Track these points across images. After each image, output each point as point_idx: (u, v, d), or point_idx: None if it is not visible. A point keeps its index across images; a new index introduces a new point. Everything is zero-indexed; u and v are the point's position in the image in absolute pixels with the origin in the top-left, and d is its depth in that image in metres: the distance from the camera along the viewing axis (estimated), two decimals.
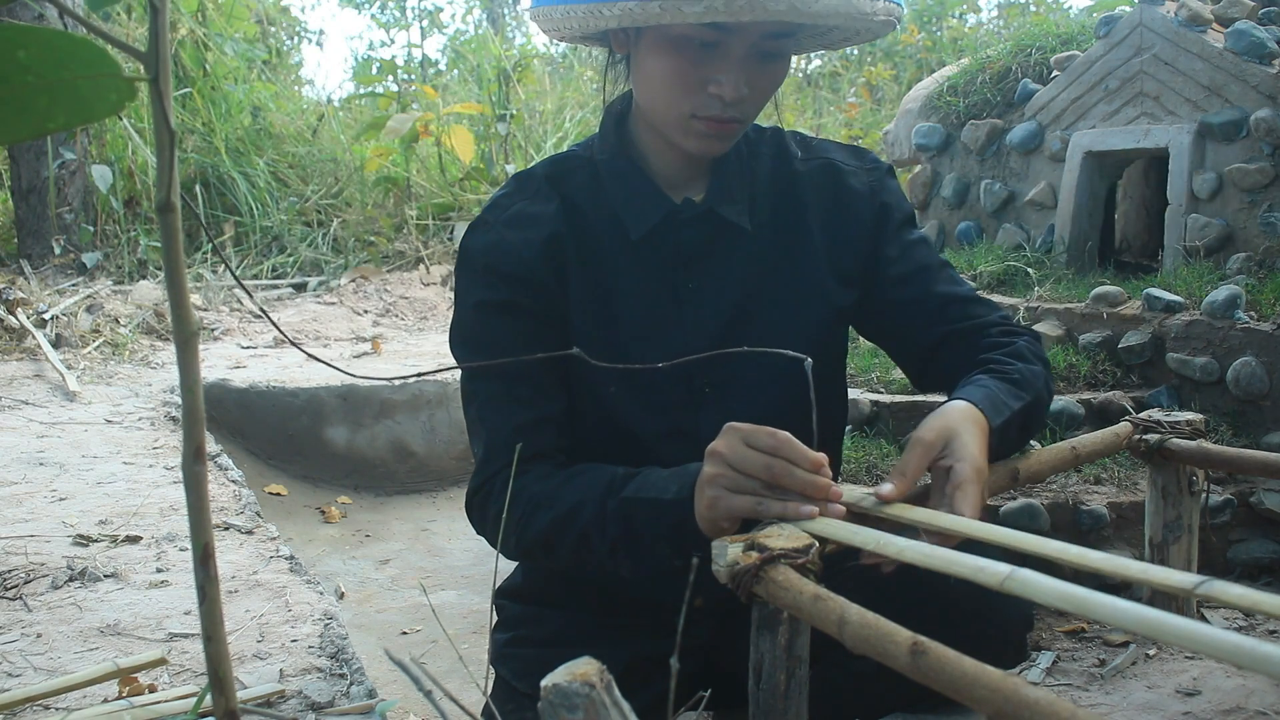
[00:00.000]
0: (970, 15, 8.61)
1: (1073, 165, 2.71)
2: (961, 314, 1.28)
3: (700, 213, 1.24)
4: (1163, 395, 2.20)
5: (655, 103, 1.19)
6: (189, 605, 1.52)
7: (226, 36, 5.56)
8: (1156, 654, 1.58)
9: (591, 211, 1.25)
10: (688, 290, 1.25)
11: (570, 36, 1.25)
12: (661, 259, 1.25)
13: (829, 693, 1.10)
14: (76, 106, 0.53)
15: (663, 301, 1.25)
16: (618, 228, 1.24)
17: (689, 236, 1.25)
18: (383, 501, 3.06)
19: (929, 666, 0.70)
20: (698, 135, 1.17)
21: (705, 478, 1.02)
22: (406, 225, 5.28)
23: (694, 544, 1.02)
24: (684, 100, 1.15)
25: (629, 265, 1.24)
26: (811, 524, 0.96)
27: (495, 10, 9.80)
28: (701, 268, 1.25)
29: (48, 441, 2.45)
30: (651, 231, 1.24)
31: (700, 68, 1.13)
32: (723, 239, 1.26)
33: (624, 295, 1.24)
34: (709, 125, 1.16)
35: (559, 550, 1.16)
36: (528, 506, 1.16)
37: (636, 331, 1.24)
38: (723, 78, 1.13)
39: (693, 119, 1.16)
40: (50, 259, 4.49)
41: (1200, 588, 0.71)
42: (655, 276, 1.25)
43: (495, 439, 1.21)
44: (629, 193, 1.24)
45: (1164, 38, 2.52)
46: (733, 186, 1.25)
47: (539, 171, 1.29)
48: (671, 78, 1.14)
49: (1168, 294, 2.26)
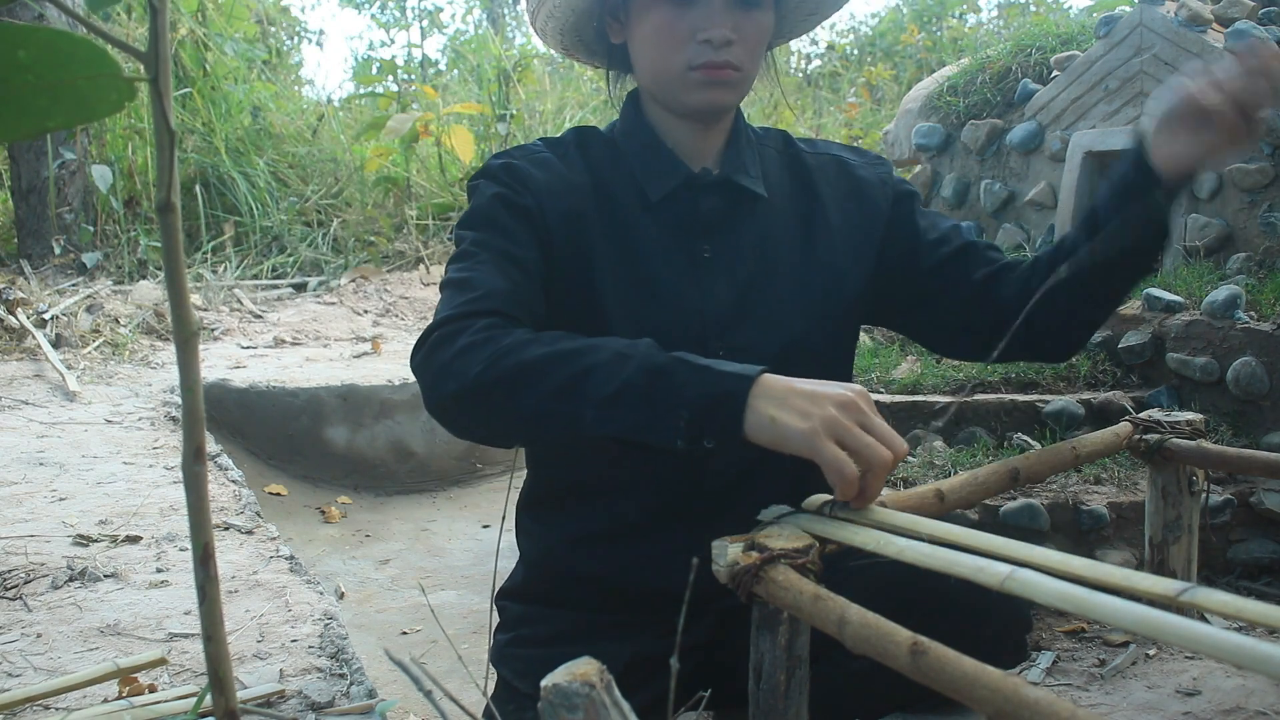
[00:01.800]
0: (970, 15, 8.62)
1: (1073, 165, 2.71)
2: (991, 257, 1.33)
3: (717, 180, 1.29)
4: (1163, 395, 2.20)
5: (654, 67, 1.25)
6: (189, 605, 1.52)
7: (226, 36, 5.57)
8: (1156, 654, 1.58)
9: (612, 178, 1.30)
10: (704, 257, 1.28)
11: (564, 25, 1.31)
12: (680, 224, 1.29)
13: (829, 693, 1.10)
14: (76, 106, 0.53)
15: (681, 266, 1.28)
16: (638, 193, 1.29)
17: (707, 203, 1.29)
18: (383, 501, 3.06)
19: (929, 666, 0.70)
20: (698, 85, 1.22)
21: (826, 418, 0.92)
22: (406, 225, 5.28)
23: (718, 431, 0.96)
24: (677, 54, 1.21)
25: (649, 229, 1.28)
26: (811, 524, 0.96)
27: (495, 10, 9.80)
28: (719, 234, 1.29)
29: (48, 441, 2.45)
30: (669, 196, 1.28)
31: (684, 20, 1.20)
32: (740, 206, 1.30)
33: (643, 257, 1.27)
34: (705, 73, 1.21)
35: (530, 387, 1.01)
36: (516, 341, 1.05)
37: (656, 290, 1.27)
38: (706, 23, 1.19)
39: (689, 71, 1.22)
40: (50, 259, 4.49)
41: (1184, 595, 0.71)
42: (674, 241, 1.28)
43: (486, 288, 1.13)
44: (648, 160, 1.30)
45: (1164, 38, 2.52)
46: (745, 160, 1.31)
47: (566, 137, 1.34)
48: (660, 35, 1.21)
49: (1168, 294, 2.26)
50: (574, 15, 1.29)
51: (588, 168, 1.30)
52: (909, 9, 8.56)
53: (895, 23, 8.38)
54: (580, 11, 1.29)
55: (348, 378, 3.23)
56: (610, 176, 1.30)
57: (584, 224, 1.26)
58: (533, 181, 1.25)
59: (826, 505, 1.00)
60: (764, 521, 0.98)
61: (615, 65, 1.37)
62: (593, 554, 1.31)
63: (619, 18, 1.28)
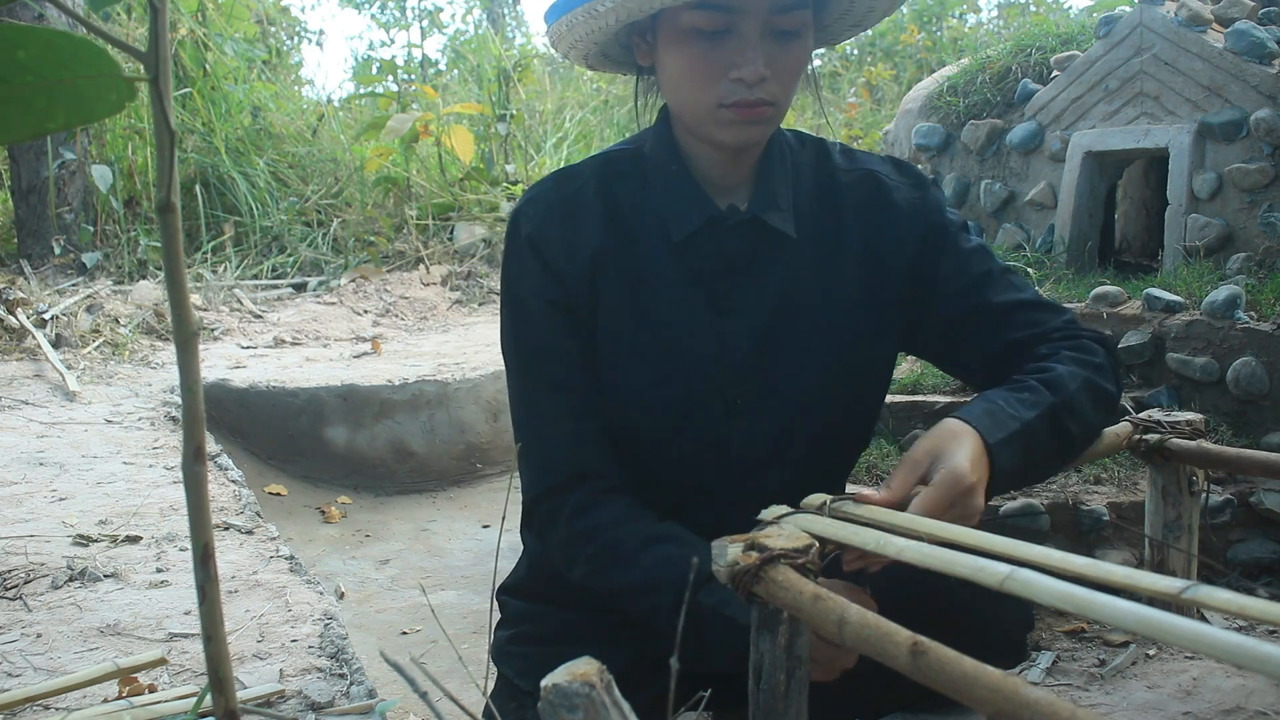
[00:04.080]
0: (970, 15, 8.62)
1: (1073, 165, 2.71)
2: (1025, 320, 1.24)
3: (744, 220, 1.22)
4: (1163, 395, 2.20)
5: (684, 101, 1.18)
6: (189, 605, 1.52)
7: (226, 36, 5.56)
8: (1156, 654, 1.58)
9: (636, 216, 1.23)
10: (727, 300, 1.22)
11: (589, 53, 1.24)
12: (703, 265, 1.22)
13: (829, 692, 1.10)
14: (76, 106, 0.53)
15: (701, 309, 1.22)
16: (662, 230, 1.22)
17: (731, 244, 1.22)
18: (383, 501, 3.06)
19: (929, 666, 0.70)
20: (730, 124, 1.15)
21: None
22: (406, 225, 5.28)
23: None
24: (708, 91, 1.14)
25: (669, 269, 1.22)
26: (811, 524, 0.96)
27: (495, 10, 9.80)
28: (743, 277, 1.23)
29: (48, 441, 2.45)
30: (693, 236, 1.21)
31: (716, 55, 1.12)
32: (765, 247, 1.23)
33: (662, 299, 1.22)
34: (738, 112, 1.14)
35: (623, 606, 1.19)
36: (604, 553, 1.17)
37: (673, 337, 1.22)
38: (740, 60, 1.12)
39: (720, 108, 1.14)
40: (50, 259, 4.49)
41: (1186, 593, 0.71)
42: (695, 282, 1.22)
43: (552, 450, 1.21)
44: (674, 194, 1.22)
45: (1164, 38, 2.52)
46: (777, 192, 1.23)
47: (587, 171, 1.27)
48: (691, 71, 1.14)
49: (1168, 294, 2.26)
50: (597, 46, 1.23)
51: (606, 209, 1.23)
52: (909, 9, 8.55)
53: (895, 23, 8.37)
54: (603, 41, 1.21)
55: (348, 378, 3.24)
56: (632, 213, 1.24)
57: (600, 272, 1.21)
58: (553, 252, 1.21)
59: (826, 505, 1.00)
60: (764, 521, 0.98)
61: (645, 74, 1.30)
62: None
63: (646, 39, 1.20)
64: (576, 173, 1.26)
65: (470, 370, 3.36)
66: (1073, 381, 1.16)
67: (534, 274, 1.21)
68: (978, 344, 1.25)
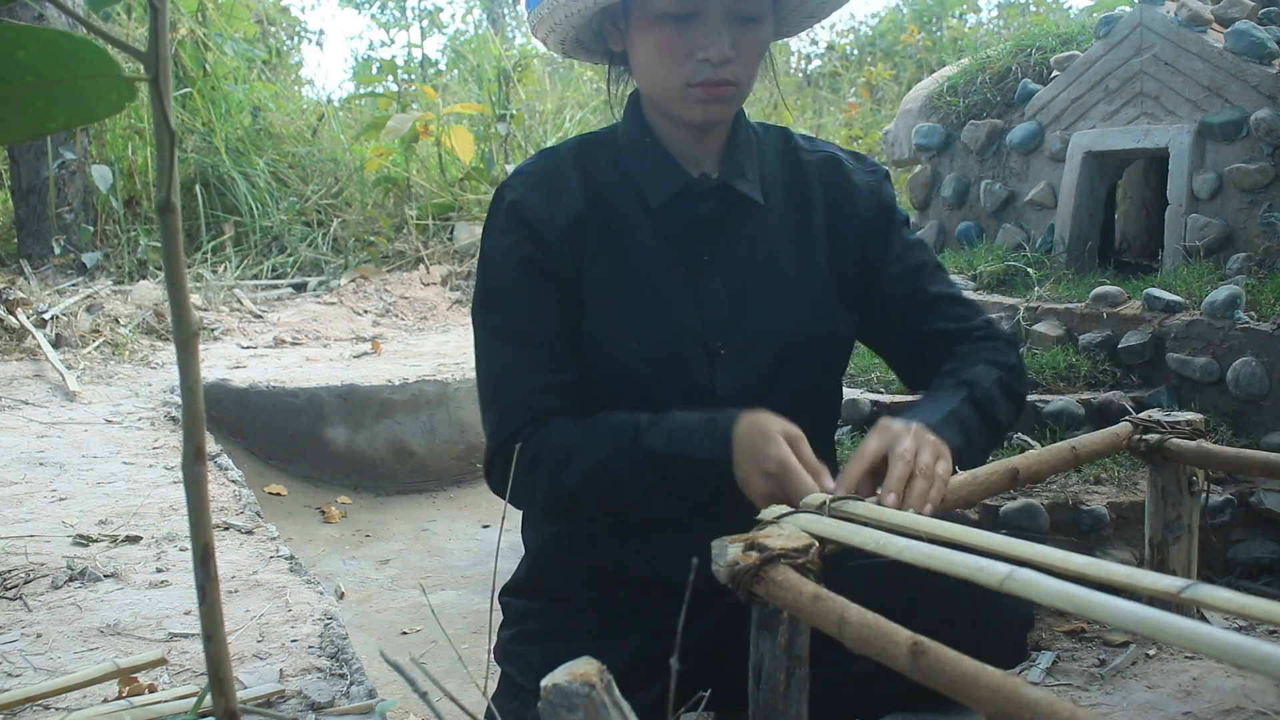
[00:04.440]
0: (970, 15, 8.62)
1: (1073, 165, 2.71)
2: (951, 314, 1.36)
3: (716, 186, 1.31)
4: (1163, 395, 2.20)
5: (653, 81, 1.27)
6: (189, 605, 1.52)
7: (226, 36, 5.56)
8: (1156, 654, 1.58)
9: (613, 186, 1.32)
10: (703, 261, 1.31)
11: (565, 38, 1.33)
12: (679, 229, 1.31)
13: (829, 693, 1.10)
14: (76, 106, 0.53)
15: (679, 270, 1.31)
16: (638, 200, 1.31)
17: (705, 209, 1.32)
18: (383, 501, 3.06)
19: (929, 666, 0.70)
20: (697, 102, 1.25)
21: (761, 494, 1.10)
22: (406, 225, 5.28)
23: (732, 490, 1.14)
24: (676, 71, 1.23)
25: (648, 235, 1.31)
26: (811, 524, 0.96)
27: (495, 10, 9.80)
28: (717, 239, 1.32)
29: (48, 441, 2.45)
30: (669, 202, 1.30)
31: (683, 38, 1.22)
32: (737, 211, 1.33)
33: (643, 263, 1.30)
34: (704, 90, 1.23)
35: (587, 501, 1.23)
36: (556, 461, 1.22)
37: (654, 297, 1.30)
38: (705, 42, 1.21)
39: (688, 88, 1.24)
40: (50, 259, 4.49)
41: (1186, 592, 0.71)
42: (673, 246, 1.31)
43: (512, 400, 1.27)
44: (649, 166, 1.32)
45: (1164, 38, 2.52)
46: (744, 165, 1.33)
47: (565, 148, 1.37)
48: (660, 53, 1.24)
49: (1168, 294, 2.26)
50: (574, 30, 1.31)
51: (585, 179, 1.32)
52: (909, 9, 8.55)
53: (895, 23, 8.38)
54: (579, 25, 1.30)
55: (348, 378, 3.24)
56: (611, 185, 1.33)
57: (582, 237, 1.29)
58: (533, 214, 1.29)
59: (826, 505, 1.00)
60: (764, 521, 0.98)
61: (615, 64, 1.38)
62: (596, 544, 1.33)
63: (619, 26, 1.30)
64: (556, 150, 1.37)
65: (470, 370, 3.36)
66: (986, 379, 1.28)
67: (511, 235, 1.29)
68: (906, 327, 1.37)
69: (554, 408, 1.27)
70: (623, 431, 1.21)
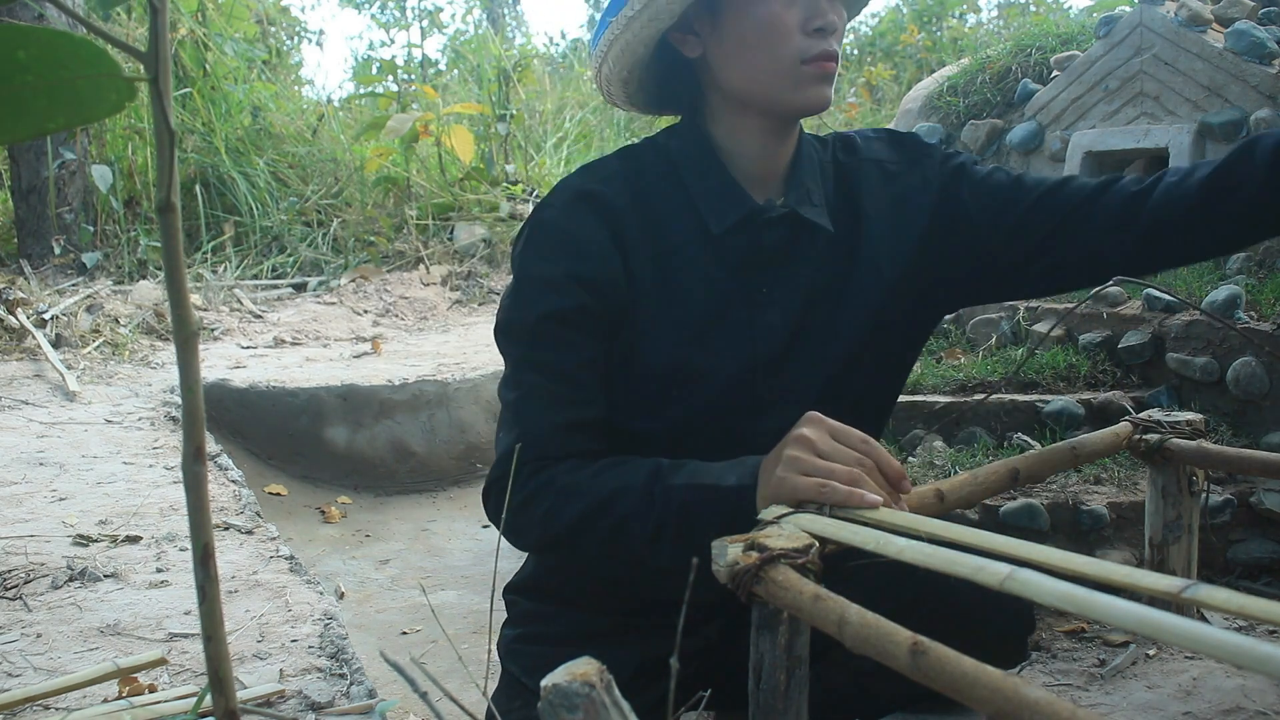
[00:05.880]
0: (970, 15, 8.61)
1: (1073, 165, 2.71)
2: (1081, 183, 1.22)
3: (783, 214, 1.22)
4: (1163, 395, 2.20)
5: (759, 66, 1.16)
6: (189, 605, 1.52)
7: (226, 36, 5.56)
8: (1156, 654, 1.58)
9: (669, 208, 1.22)
10: (762, 293, 1.22)
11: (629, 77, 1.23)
12: (740, 258, 1.22)
13: (829, 692, 1.10)
14: (76, 106, 0.53)
15: (736, 302, 1.22)
16: (694, 222, 1.21)
17: (770, 238, 1.22)
18: (383, 501, 3.06)
19: (929, 666, 0.70)
20: (812, 80, 1.15)
21: (786, 458, 1.01)
22: (406, 225, 5.28)
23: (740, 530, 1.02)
24: (788, 48, 1.14)
25: (703, 262, 1.21)
26: (811, 524, 0.96)
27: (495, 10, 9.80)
28: (779, 271, 1.23)
29: (48, 441, 2.45)
30: (732, 228, 1.21)
31: (793, 9, 1.13)
32: (801, 241, 1.23)
33: (695, 292, 1.21)
34: (817, 66, 1.14)
35: (586, 540, 1.13)
36: (557, 497, 1.13)
37: (705, 330, 1.21)
38: (813, 11, 1.13)
39: (802, 65, 1.14)
40: (50, 259, 4.49)
41: (1186, 592, 0.71)
42: (731, 275, 1.22)
43: (529, 433, 1.17)
44: (710, 187, 1.22)
45: (1164, 38, 2.52)
46: (810, 188, 1.24)
47: (611, 164, 1.25)
48: (770, 28, 1.13)
49: (1168, 294, 2.26)
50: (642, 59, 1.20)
51: (636, 200, 1.21)
52: (909, 9, 8.55)
53: (895, 23, 8.38)
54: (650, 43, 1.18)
55: (348, 378, 3.24)
56: (664, 205, 1.22)
57: (632, 263, 1.19)
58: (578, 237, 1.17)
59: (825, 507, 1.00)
60: (764, 521, 0.98)
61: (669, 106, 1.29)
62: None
63: (695, 30, 1.18)
64: (603, 164, 1.25)
65: (470, 370, 3.36)
66: None
67: (551, 260, 1.18)
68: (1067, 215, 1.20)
69: (572, 448, 1.17)
70: (640, 468, 1.12)
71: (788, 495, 1.00)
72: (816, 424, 1.03)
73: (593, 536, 1.12)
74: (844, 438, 1.02)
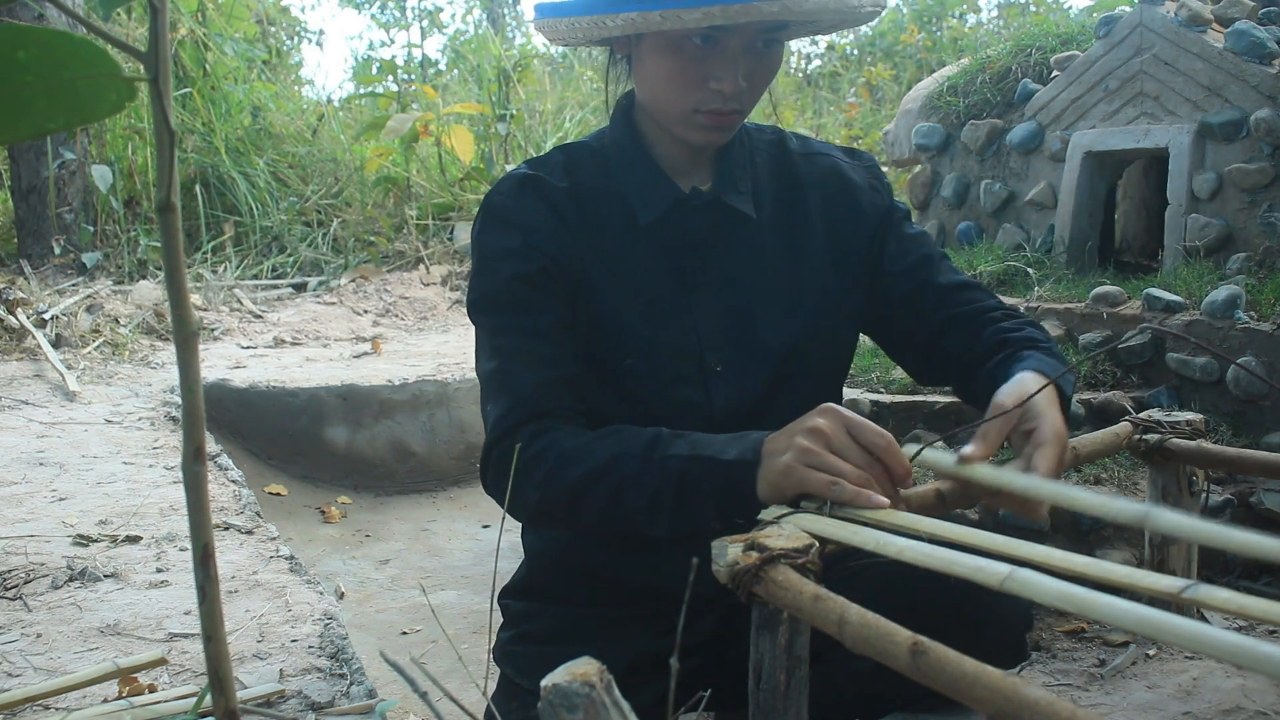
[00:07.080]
0: (970, 15, 8.62)
1: (1073, 165, 2.71)
2: (963, 299, 1.32)
3: (708, 201, 1.29)
4: (1163, 395, 2.20)
5: (658, 100, 1.24)
6: (189, 605, 1.52)
7: (226, 36, 5.56)
8: (1156, 654, 1.58)
9: (602, 198, 1.29)
10: (695, 277, 1.29)
11: (573, 43, 1.31)
12: (670, 245, 1.29)
13: (829, 692, 1.10)
14: (76, 106, 0.53)
15: (671, 286, 1.28)
16: (626, 213, 1.28)
17: (697, 224, 1.29)
18: (383, 501, 3.06)
19: (929, 666, 0.69)
20: (701, 128, 1.22)
21: (797, 447, 1.01)
22: (406, 225, 5.28)
23: (742, 508, 1.04)
24: (686, 97, 1.20)
25: (637, 250, 1.28)
26: (811, 524, 0.96)
27: (495, 10, 9.80)
28: (709, 254, 1.29)
29: (48, 441, 2.45)
30: (660, 218, 1.28)
31: (700, 66, 1.18)
32: (729, 227, 1.30)
33: (632, 278, 1.27)
34: (710, 118, 1.21)
35: (584, 505, 1.15)
36: (557, 461, 1.15)
37: (647, 311, 1.27)
38: (722, 74, 1.17)
39: (695, 113, 1.20)
40: (50, 259, 4.49)
41: (1186, 592, 0.71)
42: (663, 261, 1.28)
43: (518, 394, 1.20)
44: (638, 179, 1.29)
45: (1164, 38, 2.52)
46: (737, 176, 1.30)
47: (553, 158, 1.32)
48: (674, 77, 1.19)
49: (1168, 294, 2.26)
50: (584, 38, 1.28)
51: (574, 191, 1.28)
52: (909, 9, 8.56)
53: (895, 23, 8.38)
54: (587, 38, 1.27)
55: (348, 378, 3.24)
56: (599, 197, 1.29)
57: (573, 247, 1.26)
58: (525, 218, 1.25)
59: (826, 505, 1.00)
60: (764, 521, 0.98)
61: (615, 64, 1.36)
62: (597, 547, 1.32)
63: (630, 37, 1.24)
64: (547, 158, 1.33)
65: (470, 370, 3.36)
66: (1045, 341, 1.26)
67: (504, 235, 1.25)
68: (918, 321, 1.33)
69: (558, 404, 1.22)
70: (640, 436, 1.14)
71: (794, 485, 1.00)
72: (833, 416, 1.03)
73: (590, 503, 1.14)
74: (859, 433, 1.02)
